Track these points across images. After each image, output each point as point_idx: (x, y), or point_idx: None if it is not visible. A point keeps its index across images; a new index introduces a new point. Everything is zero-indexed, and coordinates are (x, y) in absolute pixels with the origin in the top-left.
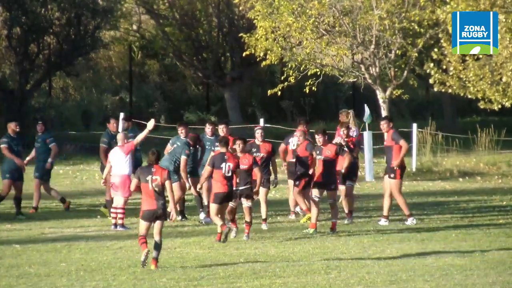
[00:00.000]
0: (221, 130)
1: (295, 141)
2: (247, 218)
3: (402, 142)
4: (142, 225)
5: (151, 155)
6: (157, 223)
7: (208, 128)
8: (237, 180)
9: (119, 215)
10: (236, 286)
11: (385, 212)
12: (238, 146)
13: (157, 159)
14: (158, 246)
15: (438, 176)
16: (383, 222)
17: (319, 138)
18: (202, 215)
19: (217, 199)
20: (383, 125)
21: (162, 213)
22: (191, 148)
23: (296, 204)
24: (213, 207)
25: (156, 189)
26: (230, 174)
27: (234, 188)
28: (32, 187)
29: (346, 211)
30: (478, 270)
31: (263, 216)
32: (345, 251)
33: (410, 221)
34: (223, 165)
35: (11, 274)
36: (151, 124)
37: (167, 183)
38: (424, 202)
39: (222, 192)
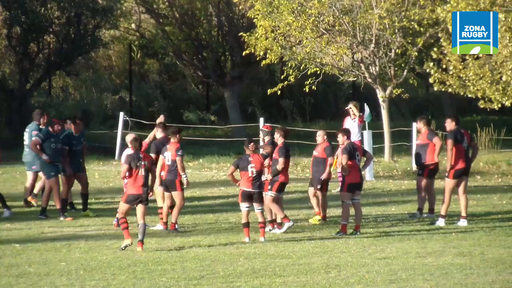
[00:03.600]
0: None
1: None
2: (261, 219)
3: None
4: (124, 207)
5: (135, 141)
6: (140, 207)
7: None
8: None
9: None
10: (236, 285)
11: (463, 213)
12: (250, 147)
13: (140, 145)
14: (143, 229)
15: (438, 175)
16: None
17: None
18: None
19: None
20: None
21: (145, 198)
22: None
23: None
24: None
25: (145, 174)
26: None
27: (250, 190)
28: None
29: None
30: (478, 269)
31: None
32: (345, 250)
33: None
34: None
35: (11, 273)
36: (160, 120)
37: (152, 168)
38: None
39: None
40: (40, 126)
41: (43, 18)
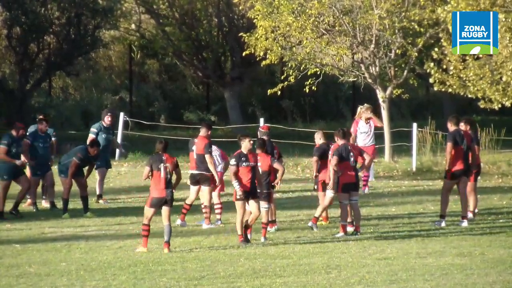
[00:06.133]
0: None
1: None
2: (264, 220)
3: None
4: (149, 212)
5: (159, 144)
6: (165, 209)
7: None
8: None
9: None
10: (236, 285)
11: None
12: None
13: (165, 148)
14: (169, 230)
15: (438, 175)
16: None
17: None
18: None
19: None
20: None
21: (169, 200)
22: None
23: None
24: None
25: (168, 176)
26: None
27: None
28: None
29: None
30: (479, 269)
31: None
32: (345, 250)
33: (440, 223)
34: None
35: (11, 273)
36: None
37: (177, 170)
38: (424, 201)
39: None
40: (104, 125)
41: (43, 19)
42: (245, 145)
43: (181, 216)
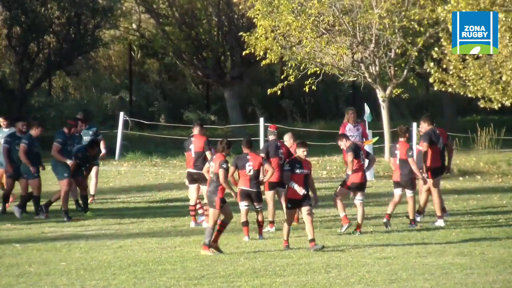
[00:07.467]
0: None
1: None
2: (259, 218)
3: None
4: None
5: (219, 144)
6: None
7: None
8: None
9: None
10: (236, 285)
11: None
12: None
13: (223, 149)
14: (207, 232)
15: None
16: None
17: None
18: None
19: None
20: None
21: (208, 201)
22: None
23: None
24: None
25: (211, 175)
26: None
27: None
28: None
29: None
30: (479, 269)
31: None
32: (345, 250)
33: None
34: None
35: (11, 273)
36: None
37: (220, 171)
38: None
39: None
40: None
41: (43, 18)
42: (300, 153)
43: (192, 218)
